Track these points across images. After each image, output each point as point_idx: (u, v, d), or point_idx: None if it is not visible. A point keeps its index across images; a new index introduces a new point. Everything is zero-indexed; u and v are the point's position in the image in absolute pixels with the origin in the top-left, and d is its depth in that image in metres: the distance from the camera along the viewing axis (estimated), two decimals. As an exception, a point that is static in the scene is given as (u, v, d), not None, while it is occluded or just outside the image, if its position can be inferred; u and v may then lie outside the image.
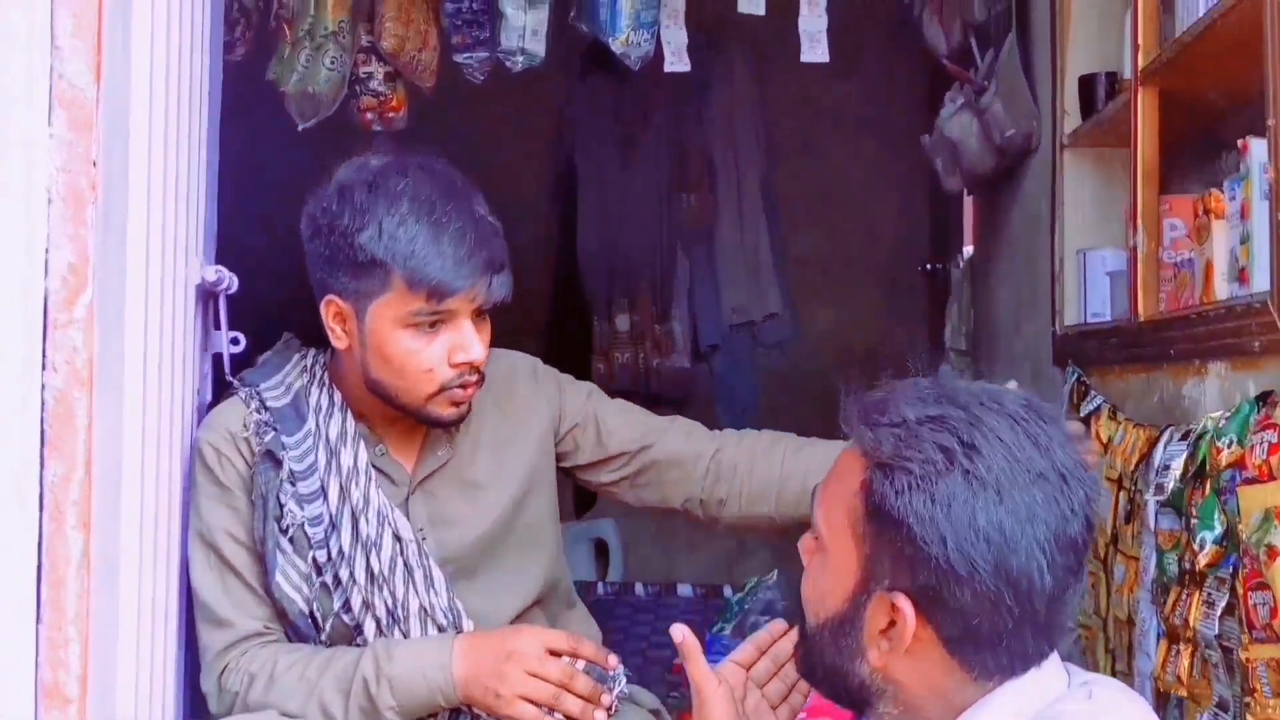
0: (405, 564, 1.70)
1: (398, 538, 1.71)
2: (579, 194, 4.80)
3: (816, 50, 2.98)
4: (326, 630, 1.69)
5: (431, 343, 1.63)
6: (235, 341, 1.95)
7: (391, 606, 1.69)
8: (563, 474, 1.92)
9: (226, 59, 2.33)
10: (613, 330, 4.75)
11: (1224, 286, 1.81)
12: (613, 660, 1.67)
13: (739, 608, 3.21)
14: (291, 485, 1.68)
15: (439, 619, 1.71)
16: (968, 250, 4.06)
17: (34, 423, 1.11)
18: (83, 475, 1.13)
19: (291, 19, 3.02)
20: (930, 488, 1.05)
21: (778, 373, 4.87)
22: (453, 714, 1.67)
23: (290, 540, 1.67)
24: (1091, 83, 2.50)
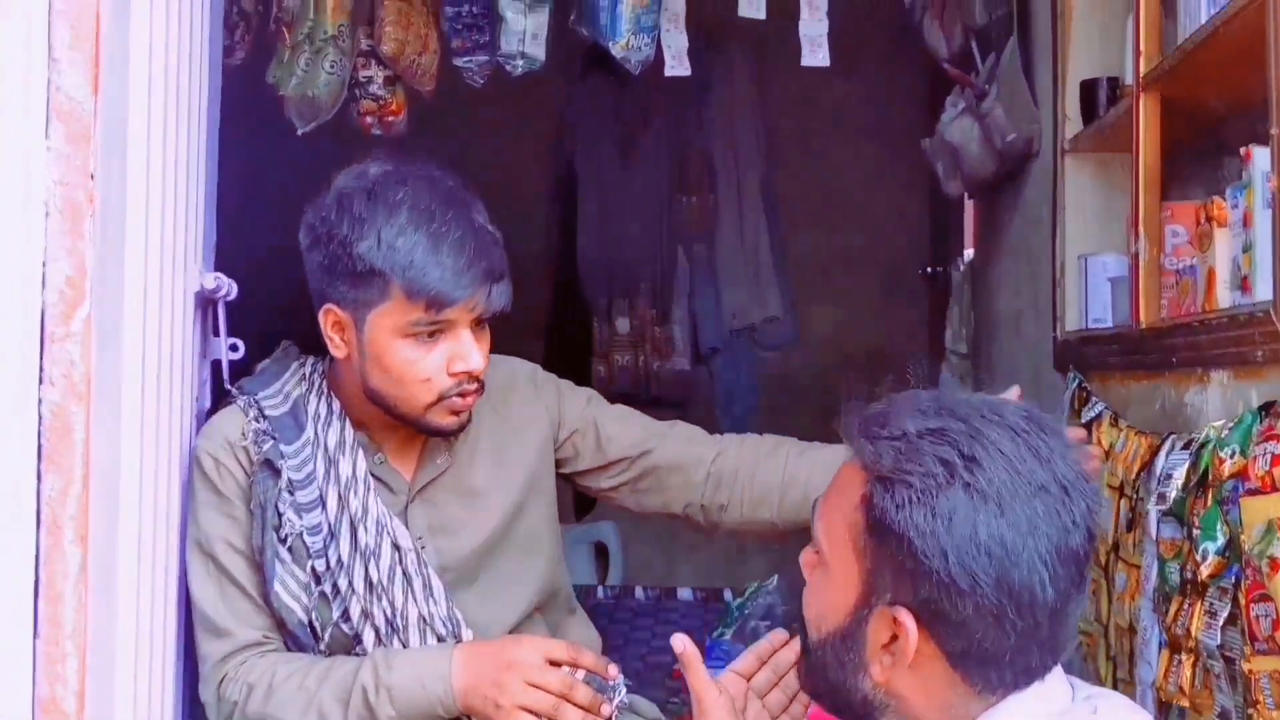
0: (404, 573, 1.70)
1: (396, 546, 1.70)
2: (579, 196, 4.80)
3: (817, 55, 2.97)
4: (325, 640, 1.69)
5: (430, 352, 1.63)
6: (234, 348, 1.94)
7: (390, 616, 1.69)
8: (563, 480, 1.92)
9: (226, 62, 2.32)
10: (613, 333, 4.74)
11: (1226, 294, 1.81)
12: (613, 670, 1.67)
13: (739, 612, 3.20)
14: (290, 494, 1.68)
15: (438, 628, 1.71)
16: (968, 253, 4.06)
17: (31, 437, 1.11)
18: (80, 489, 1.12)
19: (291, 23, 3.01)
20: (931, 501, 1.04)
21: (778, 376, 4.87)
22: (452, 723, 1.66)
23: (289, 549, 1.67)
24: (1093, 88, 2.49)
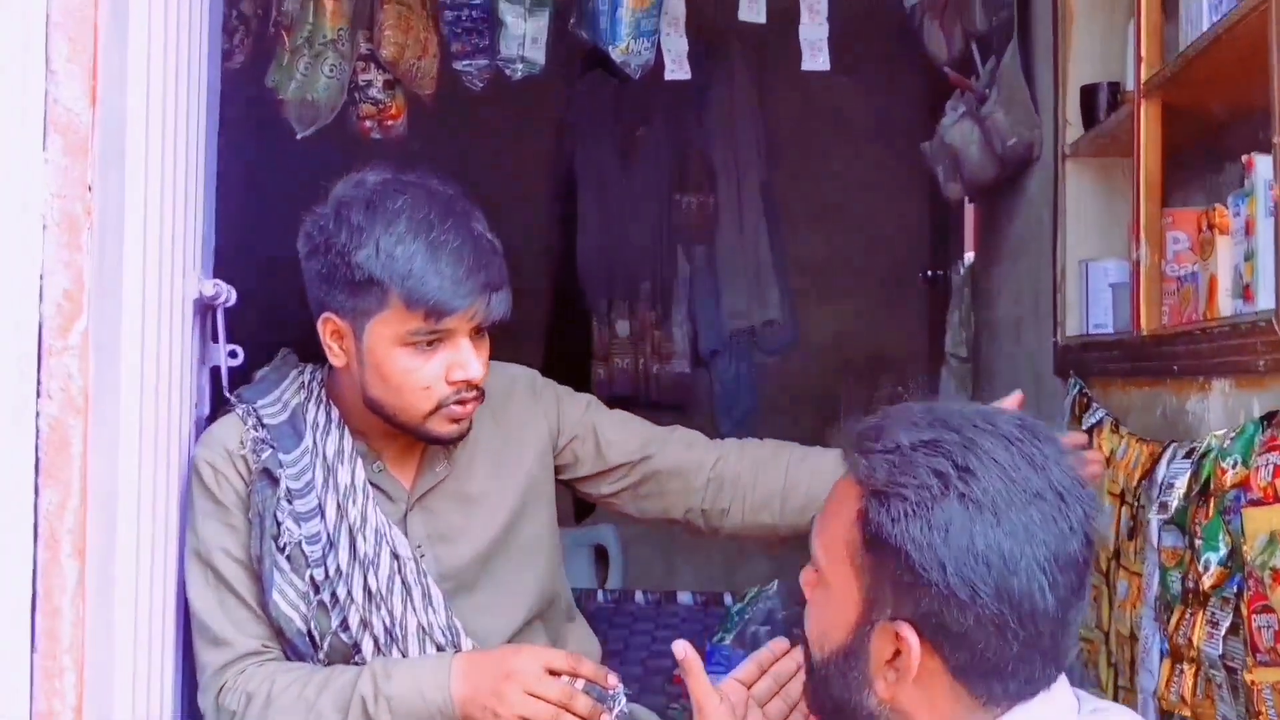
0: (403, 582, 1.70)
1: (395, 555, 1.70)
2: (579, 198, 4.79)
3: (817, 59, 2.97)
4: (324, 649, 1.68)
5: (429, 361, 1.63)
6: (233, 354, 1.93)
7: (389, 625, 1.69)
8: (563, 486, 1.91)
9: (225, 66, 2.31)
10: (612, 335, 4.74)
11: (1228, 303, 1.80)
12: (612, 679, 1.66)
13: (739, 617, 3.20)
14: (289, 503, 1.67)
15: (437, 637, 1.70)
16: (968, 256, 4.05)
17: (28, 450, 1.10)
18: (78, 503, 1.12)
19: (290, 26, 3.00)
20: (926, 514, 1.04)
21: (778, 379, 4.87)
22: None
23: (287, 558, 1.67)
24: (1093, 93, 2.49)
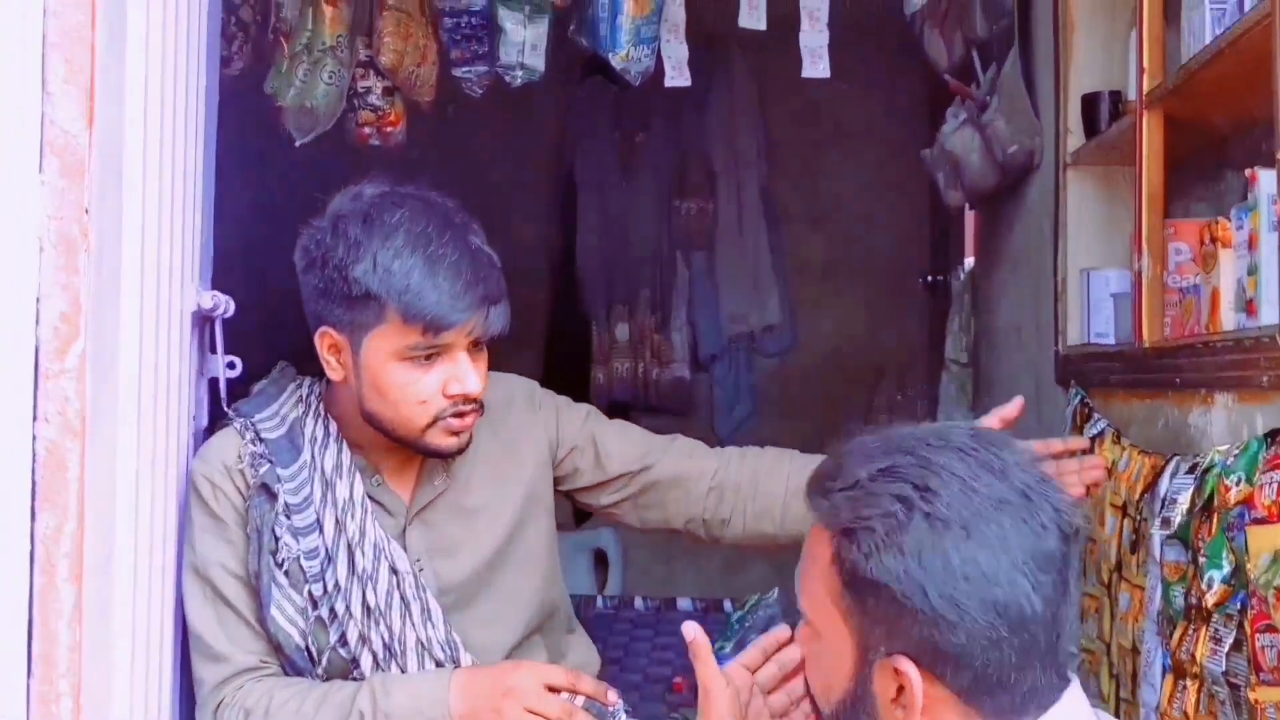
0: (402, 597, 1.69)
1: (394, 570, 1.69)
2: (578, 203, 4.78)
3: (818, 66, 2.96)
4: (323, 664, 1.68)
5: (427, 374, 1.62)
6: (231, 366, 1.92)
7: (388, 640, 1.68)
8: (564, 497, 1.91)
9: (223, 73, 2.30)
10: (612, 340, 4.73)
11: (1230, 316, 1.80)
12: (612, 696, 1.66)
13: (739, 625, 3.19)
14: (287, 518, 1.67)
15: (436, 653, 1.70)
16: (968, 262, 4.04)
17: (25, 474, 1.09)
18: (75, 527, 1.11)
19: (289, 33, 2.99)
20: (897, 541, 1.04)
21: (778, 383, 4.86)
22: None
23: (286, 573, 1.66)
24: (1095, 102, 2.48)
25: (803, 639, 1.18)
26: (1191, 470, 1.74)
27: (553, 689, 1.62)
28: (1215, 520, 1.61)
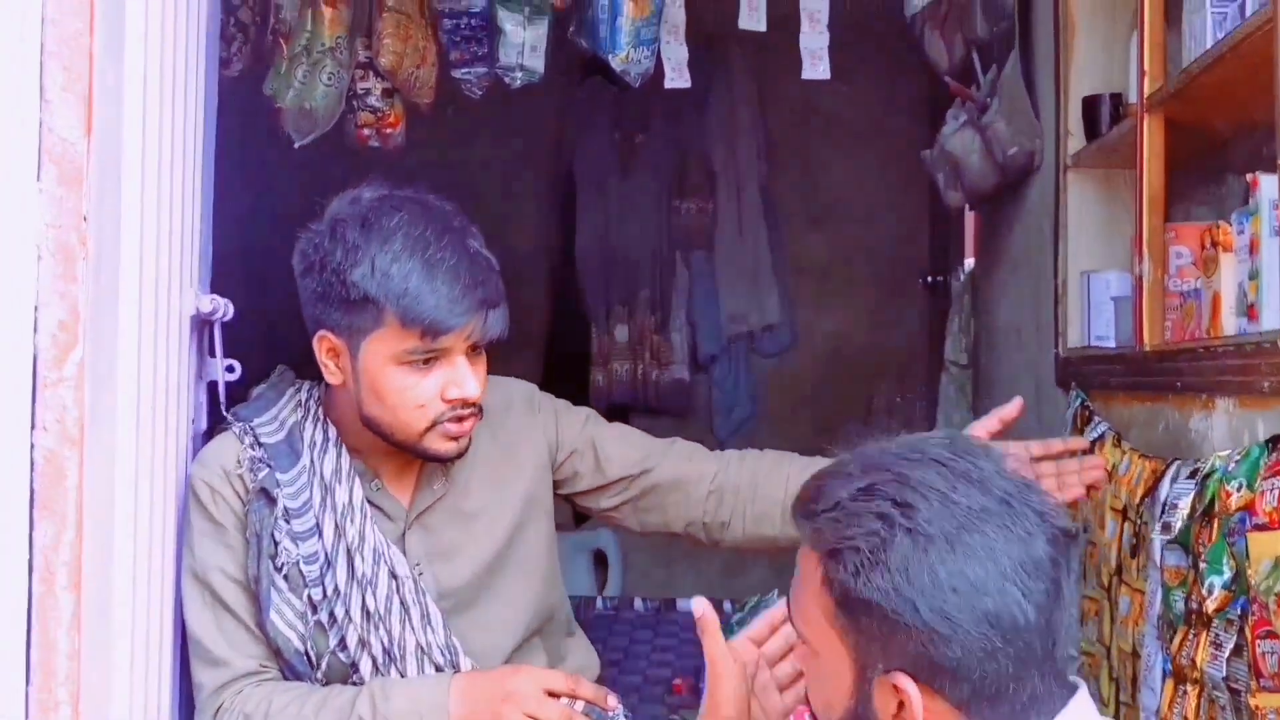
0: (401, 601, 1.69)
1: (394, 575, 1.69)
2: (578, 203, 4.78)
3: (818, 67, 2.95)
4: (322, 669, 1.68)
5: (425, 378, 1.62)
6: (230, 369, 1.92)
7: (388, 645, 1.68)
8: (563, 500, 1.91)
9: (223, 74, 2.30)
10: (611, 341, 4.72)
11: (1232, 321, 1.79)
12: (612, 700, 1.66)
13: (739, 627, 3.19)
14: (286, 523, 1.67)
15: (436, 657, 1.70)
16: (969, 263, 4.04)
17: (23, 483, 1.09)
18: (73, 535, 1.11)
19: (288, 34, 2.98)
20: (882, 559, 1.04)
21: (777, 384, 4.86)
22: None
23: (285, 578, 1.66)
24: (1095, 104, 2.47)
25: (800, 658, 1.19)
26: (1192, 475, 1.74)
27: (552, 694, 1.62)
28: (1216, 526, 1.61)
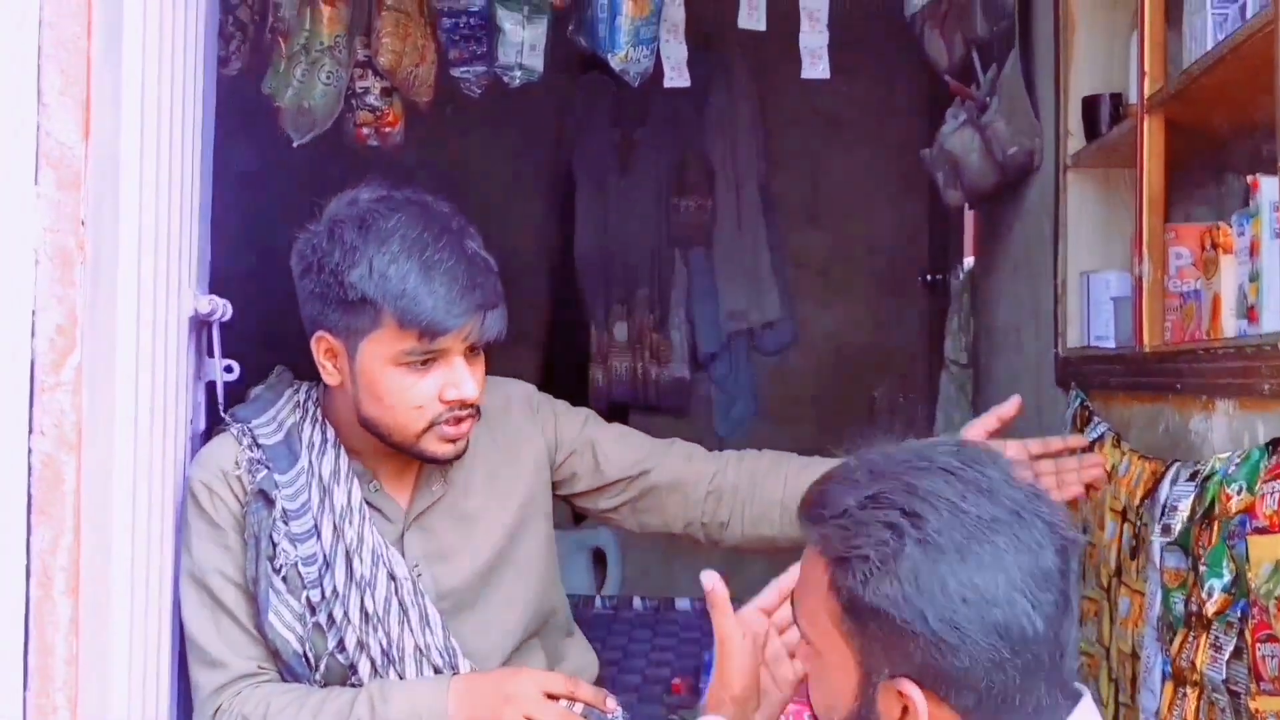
0: (400, 603, 1.69)
1: (392, 576, 1.69)
2: (577, 201, 4.77)
3: (817, 67, 2.95)
4: (321, 670, 1.68)
5: (423, 380, 1.62)
6: (229, 369, 1.92)
7: (386, 646, 1.68)
8: (562, 501, 1.90)
9: (221, 73, 2.29)
10: (610, 339, 4.72)
11: (1232, 323, 1.79)
12: (611, 703, 1.66)
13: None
14: (284, 524, 1.67)
15: (434, 659, 1.70)
16: (968, 261, 4.03)
17: (20, 488, 1.09)
18: (71, 540, 1.11)
19: (287, 33, 2.97)
20: (891, 569, 1.04)
21: (777, 382, 4.85)
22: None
23: (283, 579, 1.66)
24: (1095, 104, 2.46)
25: (803, 657, 1.18)
26: (1192, 477, 1.74)
27: (551, 696, 1.62)
28: (1216, 528, 1.61)
